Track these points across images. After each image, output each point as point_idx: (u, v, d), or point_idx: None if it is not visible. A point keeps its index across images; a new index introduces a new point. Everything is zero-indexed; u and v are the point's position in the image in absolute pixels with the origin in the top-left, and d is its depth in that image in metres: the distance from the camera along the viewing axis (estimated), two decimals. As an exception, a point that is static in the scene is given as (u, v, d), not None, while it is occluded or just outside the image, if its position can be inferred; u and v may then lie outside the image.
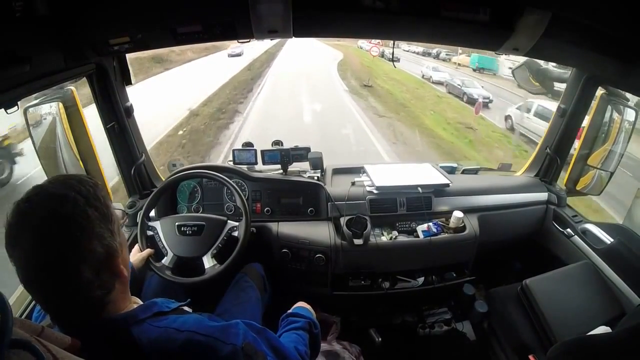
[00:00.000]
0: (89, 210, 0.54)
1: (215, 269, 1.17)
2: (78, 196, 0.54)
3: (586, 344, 0.86)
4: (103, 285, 0.57)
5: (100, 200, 0.57)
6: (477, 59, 13.05)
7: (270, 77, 13.97)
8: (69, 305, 0.55)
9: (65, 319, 0.57)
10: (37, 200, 0.53)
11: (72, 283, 0.53)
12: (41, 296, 0.55)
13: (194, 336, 0.60)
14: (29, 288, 0.54)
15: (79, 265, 0.53)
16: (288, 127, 7.44)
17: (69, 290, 0.54)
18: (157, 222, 1.25)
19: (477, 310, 1.53)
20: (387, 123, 8.50)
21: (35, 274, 0.52)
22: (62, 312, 0.57)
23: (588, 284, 1.32)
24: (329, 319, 1.59)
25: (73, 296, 0.54)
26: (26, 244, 0.51)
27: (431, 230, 1.44)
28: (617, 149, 1.51)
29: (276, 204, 1.53)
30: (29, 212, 0.52)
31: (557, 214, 1.61)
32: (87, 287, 0.54)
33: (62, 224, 0.52)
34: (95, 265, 0.55)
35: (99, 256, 0.55)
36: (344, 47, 21.44)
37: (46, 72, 0.93)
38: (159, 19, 0.98)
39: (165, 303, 0.68)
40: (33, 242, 0.51)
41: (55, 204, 0.52)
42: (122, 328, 0.59)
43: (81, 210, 0.53)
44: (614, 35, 0.98)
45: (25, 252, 0.51)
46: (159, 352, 0.58)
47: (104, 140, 1.40)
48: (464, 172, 1.84)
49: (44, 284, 0.53)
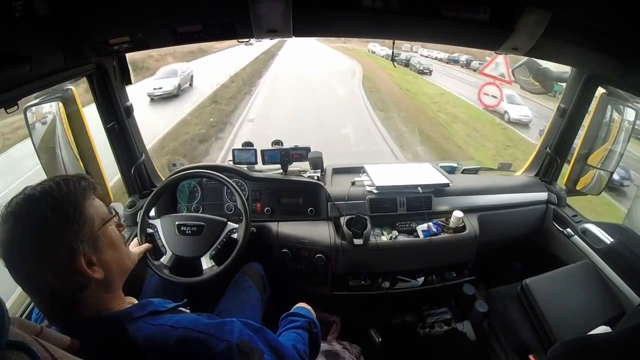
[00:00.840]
0: (48, 212, 0.55)
1: (213, 270, 1.16)
2: (44, 197, 0.57)
3: (586, 343, 0.86)
4: (70, 284, 0.57)
5: (68, 201, 0.58)
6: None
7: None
8: (41, 300, 0.58)
9: (44, 311, 0.59)
10: (15, 201, 0.57)
11: (35, 279, 0.56)
12: (22, 289, 0.58)
13: (189, 333, 0.60)
14: (13, 279, 0.57)
15: (38, 266, 0.55)
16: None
17: (35, 285, 0.56)
18: (157, 221, 1.25)
19: (477, 310, 1.53)
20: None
21: (10, 266, 0.55)
22: (39, 305, 0.59)
23: (588, 284, 1.32)
24: (329, 319, 1.59)
25: (41, 292, 0.57)
26: (2, 237, 0.55)
27: (431, 230, 1.44)
28: (617, 148, 1.51)
29: (276, 203, 1.53)
30: (6, 209, 0.56)
31: (557, 213, 1.61)
32: (51, 285, 0.56)
33: (21, 222, 0.55)
34: (57, 267, 0.56)
35: (60, 258, 0.56)
36: (353, 52, 18.42)
37: (46, 72, 0.93)
38: (159, 18, 0.98)
39: (161, 303, 0.68)
40: (6, 235, 0.55)
41: (21, 204, 0.56)
42: (117, 325, 0.59)
43: (40, 212, 0.55)
44: (614, 35, 0.99)
45: (1, 244, 0.55)
46: (155, 349, 0.58)
47: (104, 140, 1.40)
48: (464, 172, 1.84)
49: (17, 276, 0.56)
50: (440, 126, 8.28)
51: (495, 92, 4.21)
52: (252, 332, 0.69)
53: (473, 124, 8.52)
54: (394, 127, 7.61)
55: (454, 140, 7.57)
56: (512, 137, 7.97)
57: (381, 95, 10.25)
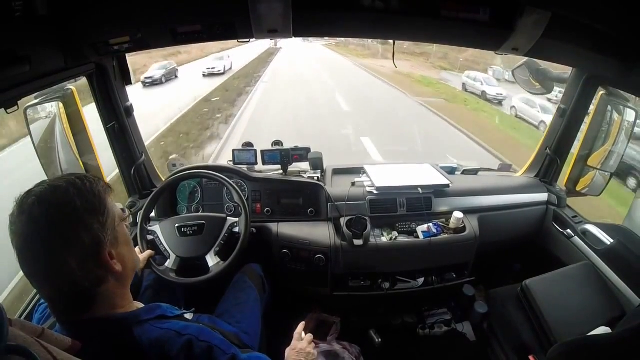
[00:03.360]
0: (77, 201, 0.56)
1: (219, 266, 1.17)
2: (71, 187, 0.57)
3: (586, 344, 0.86)
4: (90, 276, 0.57)
5: (93, 194, 0.59)
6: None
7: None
8: (59, 293, 0.57)
9: (59, 309, 0.58)
10: (36, 191, 0.56)
11: (57, 268, 0.55)
12: (36, 283, 0.57)
13: (195, 341, 0.61)
14: (24, 272, 0.56)
15: (62, 252, 0.54)
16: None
17: (55, 276, 0.55)
18: (157, 226, 1.24)
19: (477, 311, 1.53)
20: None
21: (27, 259, 0.54)
22: (54, 301, 0.58)
23: (588, 285, 1.32)
24: (329, 319, 1.59)
25: (60, 283, 0.56)
26: (20, 229, 0.54)
27: (431, 230, 1.44)
28: (617, 149, 1.50)
29: (276, 204, 1.53)
30: (25, 200, 0.55)
31: (557, 214, 1.61)
32: (72, 275, 0.55)
33: (49, 209, 0.55)
34: (80, 255, 0.56)
35: (85, 246, 0.56)
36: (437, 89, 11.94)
37: (46, 72, 0.93)
38: (158, 18, 0.98)
39: (169, 309, 0.69)
40: (25, 227, 0.54)
41: (47, 193, 0.56)
42: (124, 327, 0.60)
43: (69, 200, 0.56)
44: (614, 35, 0.98)
45: (19, 237, 0.54)
46: (159, 353, 0.59)
47: (104, 139, 1.40)
48: (464, 173, 1.84)
49: (35, 268, 0.55)
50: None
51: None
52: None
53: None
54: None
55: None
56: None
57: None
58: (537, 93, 1.56)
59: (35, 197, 0.55)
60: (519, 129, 8.59)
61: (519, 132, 8.35)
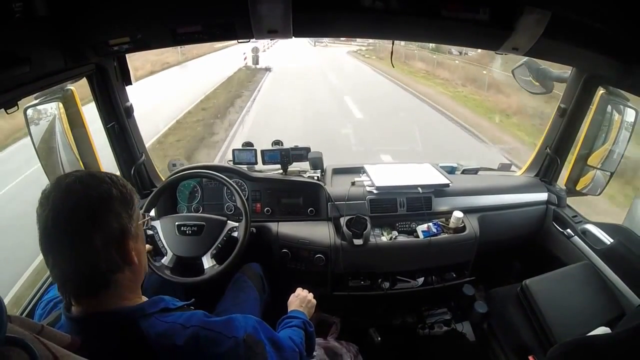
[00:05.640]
0: (114, 190, 0.60)
1: (214, 269, 1.17)
2: (107, 177, 0.62)
3: (586, 344, 0.86)
4: (109, 260, 0.59)
5: (126, 188, 0.64)
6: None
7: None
8: (75, 272, 0.58)
9: (69, 290, 0.59)
10: (75, 174, 0.60)
11: (82, 244, 0.57)
12: (52, 258, 0.57)
13: (200, 331, 0.63)
14: (45, 248, 0.57)
15: (91, 230, 0.57)
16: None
17: (78, 252, 0.57)
18: (157, 222, 1.25)
19: (477, 311, 1.53)
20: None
21: (55, 234, 0.56)
22: (68, 281, 0.59)
23: (588, 285, 1.32)
24: (329, 319, 1.59)
25: (80, 261, 0.57)
26: (53, 203, 0.56)
27: (431, 230, 1.44)
28: (617, 149, 1.50)
29: (276, 204, 1.53)
30: (63, 180, 0.59)
31: (557, 214, 1.61)
32: (94, 255, 0.57)
33: (88, 189, 0.58)
34: (106, 238, 0.58)
35: (112, 230, 0.59)
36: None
37: (46, 72, 0.93)
38: (158, 19, 0.99)
39: (171, 301, 0.70)
40: (60, 202, 0.56)
41: (86, 176, 0.61)
42: (131, 320, 0.61)
43: (107, 187, 0.60)
44: (614, 35, 0.98)
45: (50, 210, 0.56)
46: (166, 346, 0.60)
47: (104, 139, 1.41)
48: (464, 172, 1.84)
49: (60, 243, 0.56)
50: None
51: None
52: (254, 323, 0.73)
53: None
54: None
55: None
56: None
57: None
58: (537, 92, 1.56)
59: (75, 177, 0.59)
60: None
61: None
